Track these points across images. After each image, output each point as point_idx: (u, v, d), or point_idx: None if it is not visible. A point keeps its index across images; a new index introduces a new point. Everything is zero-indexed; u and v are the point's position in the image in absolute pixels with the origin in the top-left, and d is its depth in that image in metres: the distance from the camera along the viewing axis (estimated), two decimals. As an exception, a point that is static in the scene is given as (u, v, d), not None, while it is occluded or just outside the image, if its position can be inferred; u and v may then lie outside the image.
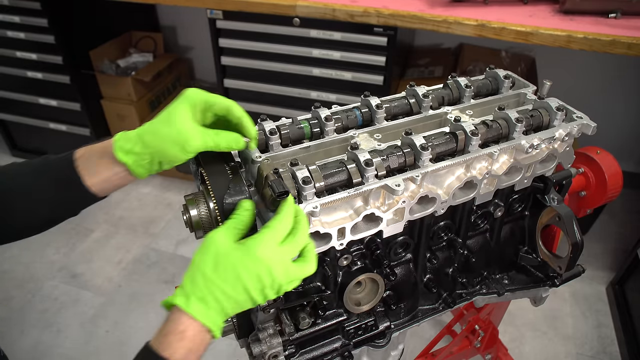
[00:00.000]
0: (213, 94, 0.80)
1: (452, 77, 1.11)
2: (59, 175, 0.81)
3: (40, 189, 0.81)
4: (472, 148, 0.90)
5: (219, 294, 0.68)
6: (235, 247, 0.69)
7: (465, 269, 1.14)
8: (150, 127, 0.77)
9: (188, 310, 0.67)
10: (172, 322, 0.69)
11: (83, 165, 0.80)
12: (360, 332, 1.05)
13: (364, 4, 1.96)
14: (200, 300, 0.68)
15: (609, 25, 1.76)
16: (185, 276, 0.70)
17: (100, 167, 0.80)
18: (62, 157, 0.83)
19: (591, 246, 2.62)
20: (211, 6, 2.17)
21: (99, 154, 0.80)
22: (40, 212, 0.83)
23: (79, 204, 0.85)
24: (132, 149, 0.77)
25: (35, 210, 0.82)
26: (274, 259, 0.69)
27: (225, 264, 0.68)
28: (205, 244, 0.70)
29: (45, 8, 2.53)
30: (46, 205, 0.82)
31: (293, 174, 0.80)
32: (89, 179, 0.80)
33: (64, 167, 0.81)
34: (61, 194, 0.82)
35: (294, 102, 2.41)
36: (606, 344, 2.20)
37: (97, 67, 2.90)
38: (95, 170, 0.80)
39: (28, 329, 2.29)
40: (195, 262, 0.70)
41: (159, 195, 3.10)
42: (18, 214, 0.82)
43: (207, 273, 0.68)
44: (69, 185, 0.81)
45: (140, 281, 2.52)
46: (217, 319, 0.69)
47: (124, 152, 0.78)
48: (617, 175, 1.27)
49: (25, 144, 3.37)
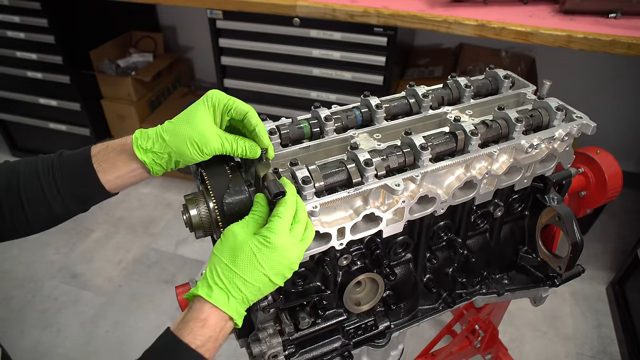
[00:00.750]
0: (233, 97, 0.82)
1: (452, 77, 1.11)
2: (74, 171, 0.82)
3: (54, 184, 0.82)
4: (471, 148, 0.90)
5: (240, 283, 0.70)
6: (253, 238, 0.72)
7: (465, 269, 1.14)
8: (170, 127, 0.79)
9: (211, 300, 0.70)
10: (194, 310, 0.71)
11: (100, 162, 0.82)
12: (360, 332, 1.05)
13: (364, 4, 1.96)
14: (222, 290, 0.70)
15: (609, 25, 1.75)
16: (207, 268, 0.73)
17: (118, 163, 0.81)
18: (77, 152, 0.84)
19: (591, 246, 2.62)
20: (211, 6, 2.17)
21: (117, 151, 0.82)
22: (54, 208, 0.83)
23: (92, 200, 0.86)
24: (152, 147, 0.79)
25: (48, 206, 0.82)
26: (289, 245, 0.72)
27: (244, 254, 0.71)
28: (225, 237, 0.73)
29: (45, 8, 2.54)
30: (59, 200, 0.82)
31: (293, 173, 0.80)
32: (104, 176, 0.82)
33: (79, 163, 0.82)
34: (75, 190, 0.83)
35: (294, 102, 2.41)
36: (606, 344, 2.19)
37: (97, 67, 2.90)
38: (112, 167, 0.82)
39: (28, 329, 2.29)
40: (216, 255, 0.72)
41: (159, 195, 3.10)
42: (32, 209, 0.82)
43: (228, 264, 0.71)
44: (84, 181, 0.82)
45: (140, 281, 2.52)
46: (238, 308, 0.72)
47: (143, 150, 0.79)
48: (617, 175, 1.27)
49: (25, 144, 3.37)
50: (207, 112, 0.79)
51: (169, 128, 0.79)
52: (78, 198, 0.84)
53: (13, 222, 0.82)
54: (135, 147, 0.79)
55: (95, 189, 0.83)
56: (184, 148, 0.77)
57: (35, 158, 0.85)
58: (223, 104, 0.80)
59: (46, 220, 0.85)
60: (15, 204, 0.81)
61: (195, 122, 0.78)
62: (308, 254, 0.87)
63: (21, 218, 0.82)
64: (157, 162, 0.80)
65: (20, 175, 0.82)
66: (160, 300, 2.40)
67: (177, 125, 0.78)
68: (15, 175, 0.82)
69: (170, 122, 0.80)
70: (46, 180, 0.81)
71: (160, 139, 0.78)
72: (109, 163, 0.82)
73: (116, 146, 0.82)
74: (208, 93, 0.81)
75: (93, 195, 0.85)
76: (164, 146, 0.78)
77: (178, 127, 0.78)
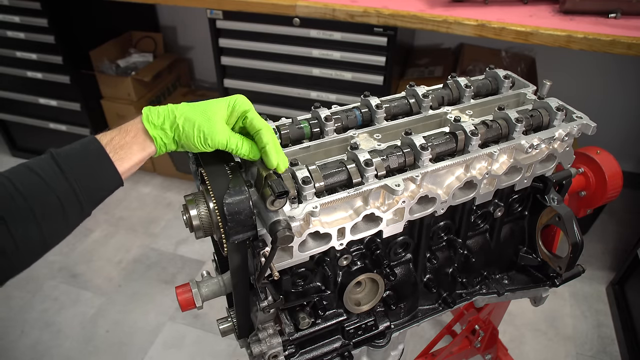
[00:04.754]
0: (254, 111, 0.83)
1: (452, 77, 1.11)
2: (88, 169, 0.75)
3: (70, 189, 0.72)
4: (472, 148, 0.90)
5: None
6: None
7: (465, 269, 1.14)
8: (185, 109, 0.79)
9: None
10: None
11: (116, 150, 0.76)
12: (360, 332, 1.05)
13: (364, 4, 1.96)
14: None
15: (609, 25, 1.75)
16: None
17: (134, 148, 0.78)
18: (80, 148, 0.76)
19: (591, 246, 2.62)
20: (211, 6, 2.17)
21: (132, 134, 0.78)
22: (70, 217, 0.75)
23: (106, 197, 0.79)
24: (162, 124, 0.79)
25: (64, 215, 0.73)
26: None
27: None
28: None
29: (45, 8, 2.54)
30: (77, 207, 0.74)
31: (293, 174, 0.80)
32: (121, 165, 0.77)
33: (92, 158, 0.75)
34: (93, 191, 0.76)
35: (294, 102, 2.41)
36: (606, 344, 2.19)
37: (97, 67, 2.90)
38: (129, 154, 0.78)
39: (28, 329, 2.29)
40: None
41: (159, 195, 3.10)
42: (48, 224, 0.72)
43: None
44: (101, 176, 0.76)
45: (140, 281, 2.52)
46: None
47: (154, 126, 0.79)
48: (617, 175, 1.28)
49: (25, 144, 3.36)
50: (225, 110, 0.80)
51: (183, 110, 0.79)
52: (96, 199, 0.77)
53: (27, 246, 0.70)
54: (146, 122, 0.78)
55: (112, 183, 0.77)
56: (192, 134, 0.78)
57: (24, 167, 0.72)
58: (242, 110, 0.81)
59: (64, 232, 0.75)
60: (30, 226, 0.69)
61: (210, 113, 0.79)
62: (308, 254, 0.87)
63: (36, 239, 0.71)
64: (164, 140, 0.80)
65: (19, 191, 0.68)
66: (160, 300, 2.40)
67: (192, 109, 0.79)
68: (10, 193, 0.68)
69: (186, 104, 0.81)
70: (61, 187, 0.71)
71: (172, 115, 0.79)
72: (125, 150, 0.77)
73: (130, 129, 0.79)
74: (233, 96, 0.82)
75: (109, 191, 0.78)
76: (174, 128, 0.79)
77: (192, 112, 0.79)
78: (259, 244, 0.79)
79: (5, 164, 3.35)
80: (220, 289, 1.00)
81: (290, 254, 0.85)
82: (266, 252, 0.79)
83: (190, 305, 0.97)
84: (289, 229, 0.74)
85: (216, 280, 1.01)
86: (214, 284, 1.00)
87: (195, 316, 2.30)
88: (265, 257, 0.78)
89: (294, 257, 0.86)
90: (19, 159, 3.39)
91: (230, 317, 1.05)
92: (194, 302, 0.97)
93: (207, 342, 2.20)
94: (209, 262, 2.60)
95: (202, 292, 0.99)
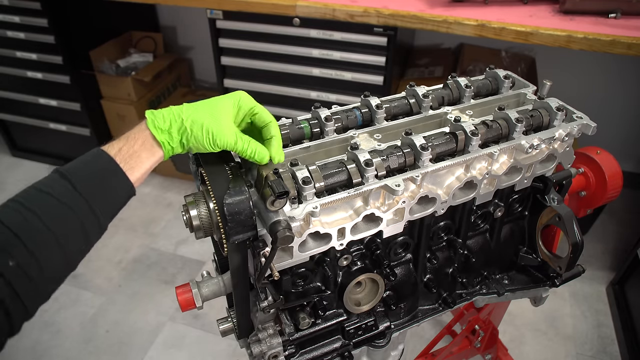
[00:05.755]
0: (259, 104, 0.83)
1: (452, 77, 1.11)
2: (102, 182, 0.72)
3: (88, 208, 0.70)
4: (472, 148, 0.90)
5: None
6: None
7: (465, 269, 1.14)
8: (191, 111, 0.78)
9: None
10: None
11: (126, 160, 0.74)
12: (360, 332, 1.05)
13: (364, 4, 1.96)
14: None
15: (609, 25, 1.75)
16: None
17: (143, 155, 0.76)
18: (87, 161, 0.73)
19: (591, 246, 2.62)
20: (211, 6, 2.17)
21: (140, 141, 0.76)
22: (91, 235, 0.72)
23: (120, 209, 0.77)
24: (169, 128, 0.77)
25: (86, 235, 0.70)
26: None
27: None
28: None
29: (45, 8, 2.53)
30: (96, 225, 0.72)
31: (293, 174, 0.80)
32: (132, 175, 0.75)
33: (104, 172, 0.72)
34: (108, 205, 0.74)
35: (294, 102, 2.41)
36: (606, 344, 2.19)
37: (97, 67, 2.90)
38: (138, 162, 0.75)
39: (28, 329, 2.29)
40: None
41: (159, 195, 3.10)
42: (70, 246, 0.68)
43: None
44: (115, 189, 0.74)
45: (140, 281, 2.52)
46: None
47: (160, 131, 0.77)
48: (617, 175, 1.28)
49: (25, 144, 3.36)
50: (231, 109, 0.80)
51: (189, 112, 0.78)
52: (111, 212, 0.75)
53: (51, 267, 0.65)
54: (152, 127, 0.76)
55: (126, 194, 0.75)
56: (199, 135, 0.77)
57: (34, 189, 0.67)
58: (249, 107, 0.81)
59: (84, 250, 0.72)
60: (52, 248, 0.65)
61: (217, 113, 0.78)
62: (308, 254, 0.87)
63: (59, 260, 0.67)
64: (171, 144, 0.78)
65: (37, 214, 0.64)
66: (160, 300, 2.40)
67: (198, 111, 0.78)
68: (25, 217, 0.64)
69: (190, 105, 0.79)
70: (77, 205, 0.68)
71: (179, 119, 0.77)
72: (135, 158, 0.75)
73: (137, 136, 0.76)
74: (235, 93, 0.82)
75: (123, 203, 0.76)
76: (181, 131, 0.77)
77: (199, 113, 0.78)
78: (259, 244, 0.79)
79: (5, 164, 3.36)
80: (220, 289, 1.00)
81: (291, 254, 0.85)
82: (266, 252, 0.79)
83: (190, 305, 0.97)
84: (289, 229, 0.74)
85: (216, 280, 1.01)
86: (214, 284, 1.00)
87: (195, 316, 2.30)
88: (266, 257, 0.78)
89: (294, 257, 0.86)
90: (19, 159, 3.39)
91: (230, 317, 1.05)
92: (194, 302, 0.97)
93: (207, 342, 2.20)
94: (209, 262, 2.60)
95: (202, 292, 0.99)
